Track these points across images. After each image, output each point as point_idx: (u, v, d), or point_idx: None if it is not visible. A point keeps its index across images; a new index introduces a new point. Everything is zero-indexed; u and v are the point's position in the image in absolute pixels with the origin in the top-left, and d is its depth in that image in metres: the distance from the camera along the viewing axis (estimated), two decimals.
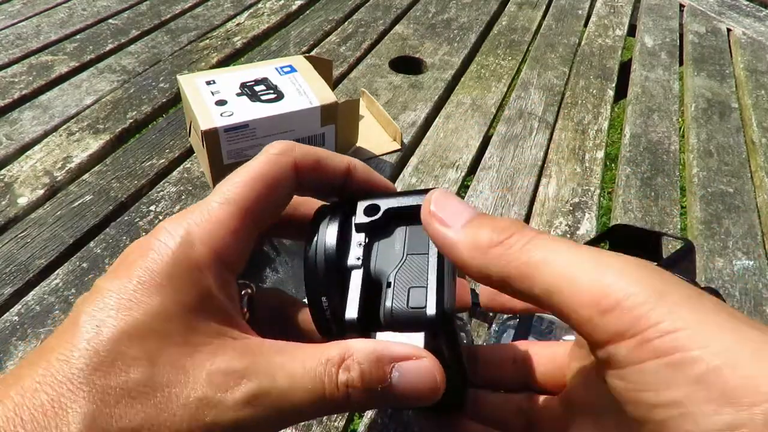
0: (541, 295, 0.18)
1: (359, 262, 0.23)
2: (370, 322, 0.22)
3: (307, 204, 0.26)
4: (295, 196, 0.24)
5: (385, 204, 0.23)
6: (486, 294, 0.29)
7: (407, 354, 0.20)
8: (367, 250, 0.23)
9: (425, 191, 0.23)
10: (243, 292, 0.24)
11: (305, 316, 0.25)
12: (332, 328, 0.24)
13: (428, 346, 0.21)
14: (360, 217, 0.23)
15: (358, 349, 0.20)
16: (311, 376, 0.19)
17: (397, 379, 0.19)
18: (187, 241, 0.19)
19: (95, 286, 0.19)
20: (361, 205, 0.24)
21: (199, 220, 0.20)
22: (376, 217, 0.23)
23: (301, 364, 0.19)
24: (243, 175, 0.21)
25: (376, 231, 0.23)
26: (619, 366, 0.16)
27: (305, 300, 0.25)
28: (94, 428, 0.16)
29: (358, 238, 0.23)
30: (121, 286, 0.18)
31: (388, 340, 0.21)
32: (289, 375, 0.19)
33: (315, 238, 0.23)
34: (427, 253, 0.22)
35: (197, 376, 0.18)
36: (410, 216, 0.23)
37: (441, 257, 0.22)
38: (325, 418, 0.37)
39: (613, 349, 0.16)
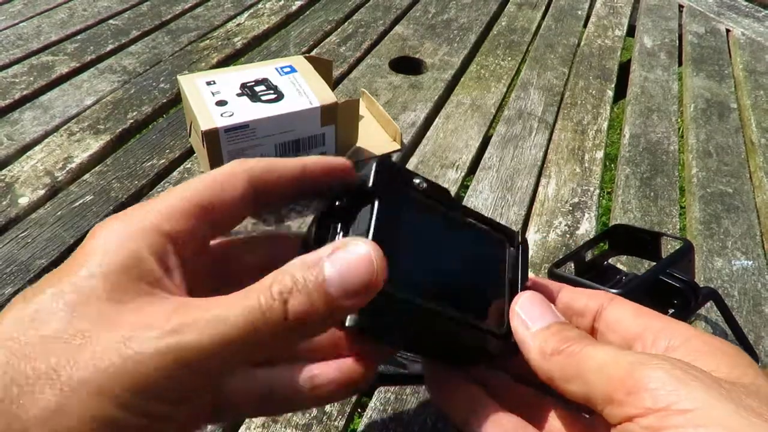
0: (580, 388, 0.21)
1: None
2: None
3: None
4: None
5: (341, 188, 0.25)
6: None
7: (334, 246, 0.19)
8: (327, 229, 0.24)
9: (374, 160, 0.24)
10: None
11: None
12: None
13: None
14: (329, 211, 0.24)
15: (288, 264, 0.19)
16: (244, 295, 0.19)
17: (330, 272, 0.19)
18: (124, 217, 0.20)
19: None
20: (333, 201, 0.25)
21: (140, 206, 0.21)
22: (338, 203, 0.24)
23: (235, 294, 0.19)
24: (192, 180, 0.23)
25: (346, 216, 0.24)
26: None
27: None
28: (7, 373, 0.17)
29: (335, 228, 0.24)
30: (59, 267, 0.20)
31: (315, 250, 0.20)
32: (222, 301, 0.19)
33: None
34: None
35: (121, 321, 0.18)
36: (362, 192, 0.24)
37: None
38: (325, 417, 0.37)
39: None
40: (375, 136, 0.64)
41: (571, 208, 0.59)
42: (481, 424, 0.24)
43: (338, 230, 0.23)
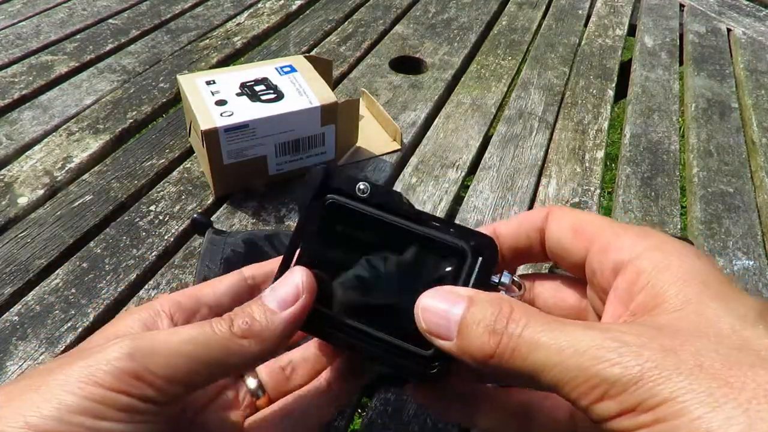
0: (549, 388, 0.19)
1: None
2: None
3: None
4: None
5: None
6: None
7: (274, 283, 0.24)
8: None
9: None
10: None
11: None
12: None
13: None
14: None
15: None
16: (198, 322, 0.23)
17: (266, 293, 0.24)
18: (134, 309, 0.25)
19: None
20: None
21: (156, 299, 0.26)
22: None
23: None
24: None
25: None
26: None
27: None
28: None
29: None
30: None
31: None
32: (172, 330, 0.22)
33: None
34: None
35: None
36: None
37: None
38: None
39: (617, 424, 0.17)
40: (375, 136, 0.64)
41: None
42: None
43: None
